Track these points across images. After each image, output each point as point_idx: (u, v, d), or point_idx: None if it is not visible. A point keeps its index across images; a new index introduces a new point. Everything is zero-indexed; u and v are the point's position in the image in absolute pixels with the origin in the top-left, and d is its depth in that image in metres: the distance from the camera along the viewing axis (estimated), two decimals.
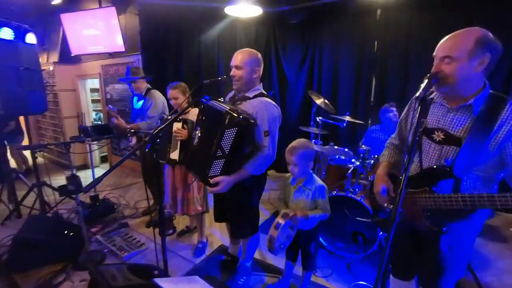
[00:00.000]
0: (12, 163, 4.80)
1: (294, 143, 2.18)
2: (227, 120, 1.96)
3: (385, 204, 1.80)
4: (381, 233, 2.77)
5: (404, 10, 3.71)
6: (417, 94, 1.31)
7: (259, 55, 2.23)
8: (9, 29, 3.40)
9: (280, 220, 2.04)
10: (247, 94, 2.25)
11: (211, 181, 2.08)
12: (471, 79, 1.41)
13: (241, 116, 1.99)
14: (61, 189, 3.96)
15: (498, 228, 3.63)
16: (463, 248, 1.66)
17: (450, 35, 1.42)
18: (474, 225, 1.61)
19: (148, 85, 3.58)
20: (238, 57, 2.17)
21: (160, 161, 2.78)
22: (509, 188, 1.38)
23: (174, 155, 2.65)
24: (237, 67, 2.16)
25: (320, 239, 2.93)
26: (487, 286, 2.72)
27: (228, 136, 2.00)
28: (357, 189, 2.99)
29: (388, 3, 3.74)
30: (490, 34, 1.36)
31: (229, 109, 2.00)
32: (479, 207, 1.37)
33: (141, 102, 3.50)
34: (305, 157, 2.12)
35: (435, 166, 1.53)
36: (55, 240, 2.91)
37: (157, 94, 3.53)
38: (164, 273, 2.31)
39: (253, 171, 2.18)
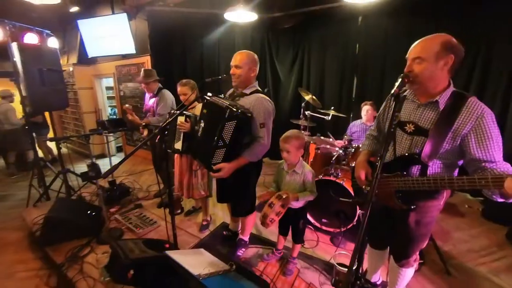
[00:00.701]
0: (40, 153, 4.81)
1: (288, 133, 2.19)
2: (227, 114, 1.96)
3: (364, 187, 1.82)
4: (360, 210, 2.80)
5: (382, 17, 3.72)
6: (392, 91, 1.34)
7: (256, 56, 2.22)
8: (34, 34, 3.39)
9: (274, 200, 2.06)
10: (244, 91, 2.24)
11: (214, 167, 2.11)
12: (437, 78, 1.44)
13: (239, 110, 2.00)
14: (83, 175, 4.01)
15: (456, 205, 3.72)
16: (428, 222, 1.70)
17: (420, 39, 1.45)
18: (437, 203, 1.66)
19: (160, 85, 3.56)
20: (238, 58, 2.16)
21: (168, 150, 2.77)
22: (467, 172, 1.42)
23: (178, 145, 2.66)
24: (236, 67, 2.15)
25: (308, 216, 2.94)
26: (445, 253, 2.75)
27: (228, 128, 2.01)
28: (339, 174, 3.00)
29: (368, 11, 3.74)
30: (454, 39, 1.39)
31: (228, 104, 2.00)
32: (441, 188, 1.43)
33: (152, 100, 3.49)
34: (296, 145, 2.13)
35: (406, 154, 1.56)
36: (80, 219, 2.94)
37: (166, 94, 3.50)
38: (174, 246, 2.34)
39: (251, 159, 2.20)
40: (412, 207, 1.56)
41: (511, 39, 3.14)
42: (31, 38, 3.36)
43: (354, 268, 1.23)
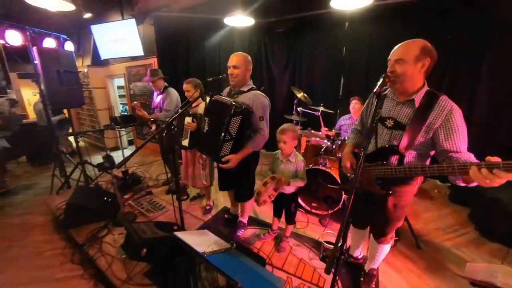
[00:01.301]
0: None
1: (284, 125, 2.19)
2: (232, 110, 1.97)
3: (349, 175, 1.86)
4: (345, 195, 2.82)
5: (367, 23, 3.73)
6: (375, 90, 1.37)
7: (249, 57, 2.21)
8: (52, 39, 3.37)
9: (268, 180, 2.09)
10: (242, 89, 2.22)
11: (223, 159, 2.12)
12: (414, 78, 1.46)
13: (243, 106, 2.03)
14: (99, 166, 4.07)
15: (427, 190, 3.80)
16: (404, 205, 1.73)
17: (402, 43, 1.47)
18: (412, 189, 1.70)
19: (166, 83, 3.54)
20: (235, 59, 2.14)
21: (175, 146, 2.81)
22: (437, 161, 1.45)
23: (185, 142, 2.67)
24: (234, 67, 2.13)
25: (299, 200, 2.97)
26: (417, 231, 2.83)
27: (234, 123, 2.03)
28: (327, 163, 3.03)
29: (354, 18, 3.75)
30: (430, 44, 1.42)
31: (233, 102, 2.01)
32: (415, 175, 1.47)
33: (159, 97, 3.49)
34: (292, 137, 2.14)
35: (386, 146, 1.59)
36: (98, 204, 2.97)
37: (172, 92, 3.48)
38: (182, 228, 2.41)
39: (254, 149, 2.22)
40: (390, 192, 1.60)
41: (477, 43, 3.17)
42: (49, 43, 3.34)
43: (339, 245, 1.26)
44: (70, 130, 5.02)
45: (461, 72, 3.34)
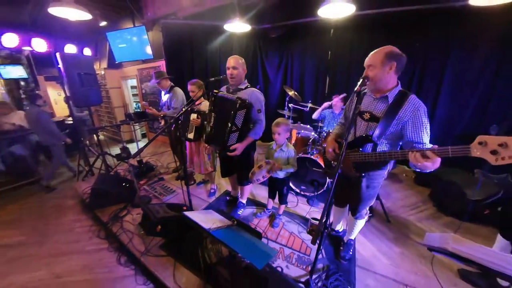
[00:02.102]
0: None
1: (279, 119, 2.21)
2: (238, 104, 1.98)
3: (332, 162, 1.90)
4: (328, 179, 2.89)
5: (349, 31, 3.71)
6: (355, 89, 1.43)
7: (243, 59, 2.19)
8: (73, 45, 3.35)
9: (262, 163, 2.14)
10: (240, 87, 2.21)
11: (231, 148, 2.14)
12: (385, 79, 1.48)
13: (246, 101, 2.05)
14: (118, 156, 4.08)
15: (397, 174, 3.88)
16: (375, 186, 1.78)
17: (371, 52, 1.50)
18: (382, 173, 1.75)
19: (171, 83, 3.49)
20: (233, 61, 2.12)
21: (182, 138, 2.77)
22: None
23: (191, 135, 2.69)
24: (234, 68, 2.11)
25: (290, 184, 2.97)
26: (387, 208, 2.88)
27: (239, 115, 2.05)
28: (315, 152, 3.07)
29: (337, 26, 3.73)
30: (395, 49, 1.44)
31: (237, 97, 2.01)
32: (384, 159, 1.54)
33: (166, 96, 3.46)
34: (285, 129, 2.18)
35: (363, 135, 1.61)
36: (118, 189, 3.00)
37: (177, 91, 3.42)
38: (190, 208, 2.44)
39: (255, 137, 2.23)
40: (363, 174, 1.66)
41: (440, 52, 3.20)
42: (70, 49, 3.33)
43: (323, 220, 1.32)
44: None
45: (427, 75, 3.37)
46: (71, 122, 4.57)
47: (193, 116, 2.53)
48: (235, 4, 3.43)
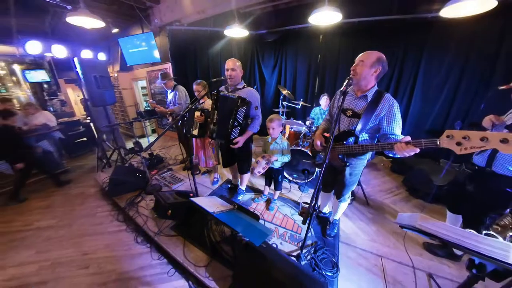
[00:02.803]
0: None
1: (272, 116, 2.21)
2: (239, 102, 1.97)
3: (320, 152, 1.93)
4: (317, 169, 2.89)
5: (336, 36, 3.69)
6: (341, 89, 1.45)
7: (240, 62, 2.15)
8: (88, 51, 3.30)
9: (260, 159, 2.19)
10: (238, 86, 2.18)
11: (234, 141, 2.13)
12: (367, 79, 1.49)
13: (246, 99, 2.03)
14: (131, 150, 4.06)
15: (376, 163, 3.90)
16: (356, 174, 1.82)
17: (366, 51, 1.49)
18: (363, 162, 1.78)
19: (175, 83, 3.47)
20: (231, 63, 2.09)
21: (188, 135, 2.79)
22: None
23: (195, 132, 2.67)
24: (232, 69, 2.09)
25: (284, 173, 2.98)
26: (367, 193, 2.93)
27: (241, 112, 2.03)
28: (306, 144, 3.09)
29: (326, 32, 3.71)
30: (384, 57, 1.46)
31: (237, 96, 1.99)
32: (365, 151, 1.55)
33: (172, 94, 3.44)
34: (278, 124, 2.19)
35: (346, 130, 1.63)
36: (132, 178, 3.02)
37: (180, 88, 3.40)
38: (196, 195, 2.44)
39: (254, 131, 2.23)
40: (347, 164, 1.70)
41: (415, 56, 3.21)
42: (86, 54, 3.28)
43: (312, 204, 1.34)
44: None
45: (403, 77, 3.39)
46: (88, 120, 4.54)
47: (197, 113, 2.52)
48: (234, 12, 3.41)
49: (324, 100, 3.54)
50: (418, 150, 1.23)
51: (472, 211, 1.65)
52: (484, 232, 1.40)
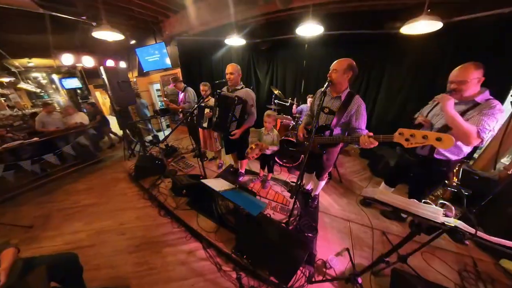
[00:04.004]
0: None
1: (269, 112, 2.21)
2: (236, 101, 1.94)
3: (305, 143, 1.89)
4: (302, 155, 2.83)
5: (318, 45, 3.63)
6: (322, 89, 1.44)
7: (239, 66, 2.10)
8: (111, 60, 3.25)
9: (253, 146, 2.18)
10: (237, 87, 2.14)
11: (232, 133, 2.12)
12: (342, 83, 1.51)
13: (242, 98, 2.01)
14: (150, 142, 4.07)
15: (348, 150, 3.93)
16: (332, 159, 1.88)
17: (337, 60, 1.49)
18: (336, 149, 1.84)
19: (185, 85, 3.45)
20: (230, 68, 2.05)
21: (198, 127, 2.77)
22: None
23: (205, 125, 2.55)
24: (231, 73, 2.04)
25: (276, 158, 3.02)
26: (341, 173, 2.99)
27: (237, 109, 2.02)
28: (293, 135, 2.97)
29: (310, 42, 3.65)
30: (354, 63, 1.46)
31: (235, 96, 1.97)
32: (338, 141, 1.59)
33: (182, 95, 3.43)
34: (272, 119, 2.20)
35: (324, 124, 1.66)
36: (153, 165, 3.01)
37: (189, 89, 3.39)
38: (205, 177, 2.37)
39: (249, 125, 2.20)
40: (324, 151, 1.74)
41: (380, 64, 3.21)
42: (110, 63, 3.23)
43: (298, 182, 1.38)
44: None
45: (371, 82, 3.38)
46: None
47: (206, 110, 2.51)
48: (233, 24, 3.35)
49: (309, 100, 3.52)
50: (377, 143, 1.28)
51: (417, 186, 1.75)
52: (423, 201, 1.52)
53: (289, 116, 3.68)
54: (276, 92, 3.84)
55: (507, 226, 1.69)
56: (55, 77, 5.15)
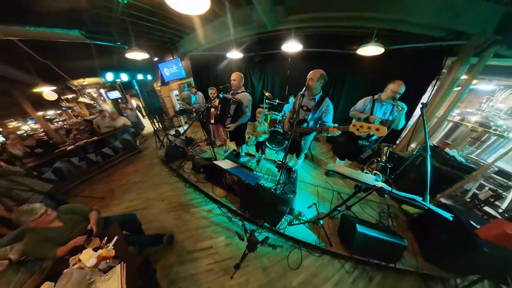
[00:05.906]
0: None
1: (259, 109, 2.24)
2: (231, 101, 1.92)
3: (288, 132, 1.88)
4: (286, 141, 2.72)
5: (299, 59, 3.55)
6: (301, 92, 1.48)
7: (241, 74, 2.02)
8: (141, 74, 3.19)
9: (250, 135, 2.25)
10: (238, 91, 2.04)
11: (227, 126, 2.06)
12: (316, 88, 1.51)
13: (237, 100, 1.96)
14: (174, 135, 3.96)
15: (319, 137, 3.88)
16: (307, 143, 1.89)
17: (312, 71, 1.48)
18: (311, 137, 1.85)
19: (196, 89, 3.41)
20: (233, 76, 1.97)
21: (207, 123, 2.70)
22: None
23: (212, 121, 2.42)
24: (234, 80, 1.97)
25: (266, 143, 2.81)
26: (313, 154, 3.01)
27: (232, 108, 1.97)
28: (280, 127, 2.99)
29: (293, 56, 3.57)
30: (324, 72, 1.45)
31: (232, 97, 1.95)
32: (313, 131, 1.65)
33: (194, 97, 3.39)
34: (263, 114, 2.24)
35: (302, 118, 1.65)
36: (177, 152, 2.95)
37: (199, 93, 3.30)
38: (216, 159, 2.31)
39: (242, 121, 2.11)
40: (302, 138, 1.78)
41: (343, 75, 3.18)
42: (140, 76, 3.18)
43: (283, 161, 1.46)
44: None
45: (336, 87, 3.38)
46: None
47: (212, 110, 2.39)
48: (233, 41, 3.28)
49: (292, 100, 3.54)
50: (340, 132, 1.38)
51: (362, 161, 1.91)
52: (364, 171, 1.68)
53: (276, 113, 3.64)
54: (267, 94, 3.84)
55: (409, 186, 1.98)
56: (102, 91, 5.25)
